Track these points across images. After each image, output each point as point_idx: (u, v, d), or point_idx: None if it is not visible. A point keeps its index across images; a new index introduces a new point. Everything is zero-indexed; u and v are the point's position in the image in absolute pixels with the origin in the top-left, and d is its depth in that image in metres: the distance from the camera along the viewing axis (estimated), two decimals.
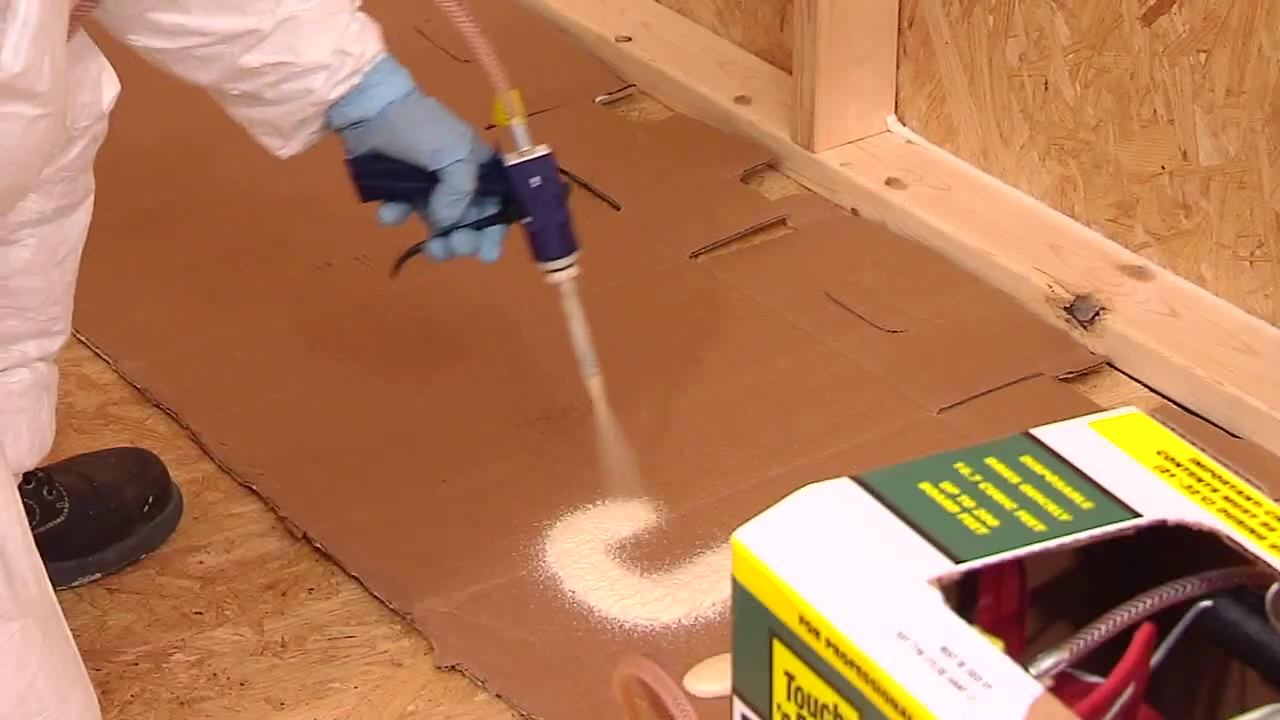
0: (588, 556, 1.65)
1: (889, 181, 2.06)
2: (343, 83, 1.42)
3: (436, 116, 1.44)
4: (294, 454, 1.75)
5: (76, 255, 1.51)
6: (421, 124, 1.42)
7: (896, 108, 2.13)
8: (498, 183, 1.43)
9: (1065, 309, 1.90)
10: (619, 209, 2.08)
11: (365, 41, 1.44)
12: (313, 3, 1.41)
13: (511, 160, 1.43)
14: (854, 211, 2.08)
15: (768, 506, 0.92)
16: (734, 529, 0.92)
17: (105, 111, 1.46)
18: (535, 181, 1.43)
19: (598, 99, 2.26)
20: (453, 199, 1.43)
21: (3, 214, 1.18)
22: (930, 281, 1.96)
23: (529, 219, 1.44)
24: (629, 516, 1.69)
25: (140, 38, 1.42)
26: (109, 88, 1.45)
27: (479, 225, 1.44)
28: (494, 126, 1.47)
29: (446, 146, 1.42)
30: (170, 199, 2.08)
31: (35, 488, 1.60)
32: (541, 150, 1.44)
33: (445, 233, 1.45)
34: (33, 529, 1.58)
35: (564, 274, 1.47)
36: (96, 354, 1.87)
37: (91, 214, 1.51)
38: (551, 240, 1.45)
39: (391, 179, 1.43)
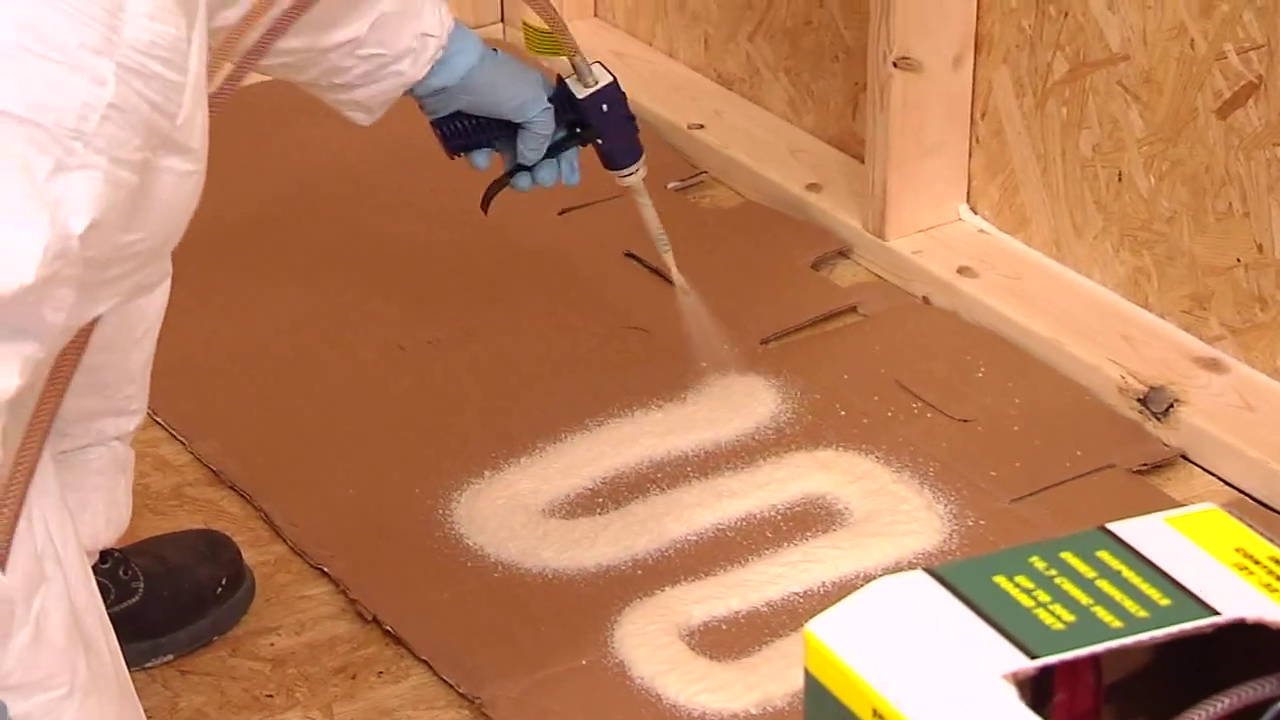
0: (656, 640, 1.65)
1: (961, 270, 2.06)
2: (428, 62, 1.51)
3: (512, 71, 1.55)
4: (365, 536, 1.76)
5: (154, 334, 1.53)
6: (502, 83, 1.53)
7: (969, 196, 2.13)
8: (569, 113, 1.57)
9: (1139, 400, 1.89)
10: (690, 294, 2.08)
11: (441, 17, 1.51)
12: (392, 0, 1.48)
13: (583, 94, 1.57)
14: (925, 299, 2.08)
15: (841, 598, 0.92)
16: (806, 618, 0.91)
17: None
18: (605, 108, 1.57)
19: (670, 185, 2.28)
20: (539, 143, 1.56)
21: (143, 272, 1.20)
22: (1002, 371, 1.96)
23: (601, 140, 1.59)
24: (701, 600, 1.68)
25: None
26: None
27: (554, 153, 1.58)
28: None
29: (529, 99, 1.54)
30: (243, 278, 2.10)
31: (111, 567, 1.62)
32: (607, 79, 1.57)
33: (527, 167, 1.57)
34: (108, 608, 1.59)
35: (635, 176, 1.63)
36: (172, 435, 1.89)
37: (169, 294, 1.53)
38: (625, 153, 1.61)
39: (476, 133, 1.56)
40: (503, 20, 2.55)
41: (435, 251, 2.15)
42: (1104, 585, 0.92)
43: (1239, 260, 1.88)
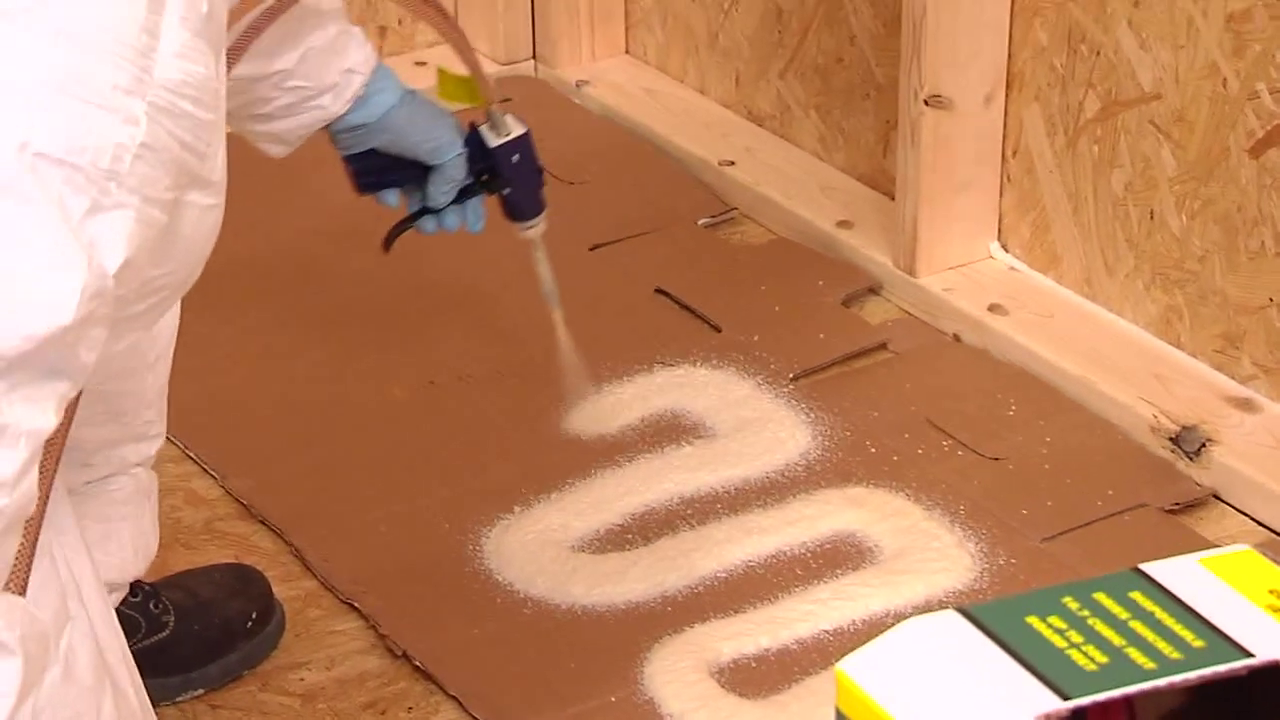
0: (686, 677, 1.65)
1: (992, 308, 2.06)
2: (351, 98, 1.52)
3: (430, 114, 1.56)
4: (396, 571, 1.76)
5: (167, 359, 1.54)
6: (419, 124, 1.55)
7: (1000, 234, 2.13)
8: (479, 161, 1.58)
9: (1171, 440, 1.88)
10: (720, 331, 2.09)
11: (366, 55, 1.52)
12: (330, 32, 1.49)
13: (496, 142, 1.58)
14: (956, 337, 2.08)
15: (872, 635, 0.92)
16: (836, 656, 0.91)
17: None
18: (515, 158, 1.59)
19: (700, 222, 2.28)
20: (449, 186, 1.57)
21: (170, 305, 1.21)
22: (1033, 409, 1.96)
23: (508, 190, 1.60)
24: (731, 637, 1.68)
25: None
26: None
27: (460, 199, 1.59)
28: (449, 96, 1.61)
29: (445, 142, 1.56)
30: (276, 317, 2.11)
31: (141, 601, 1.62)
32: (520, 130, 1.59)
33: (434, 210, 1.58)
34: (138, 642, 1.60)
35: (536, 230, 1.65)
36: (204, 469, 1.89)
37: (179, 317, 1.53)
38: (529, 206, 1.62)
39: (388, 172, 1.57)
40: (534, 58, 2.57)
41: (465, 289, 2.16)
42: (1137, 626, 0.91)
43: (1271, 300, 1.88)
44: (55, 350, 1.04)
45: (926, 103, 2.04)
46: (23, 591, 1.07)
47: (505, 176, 1.59)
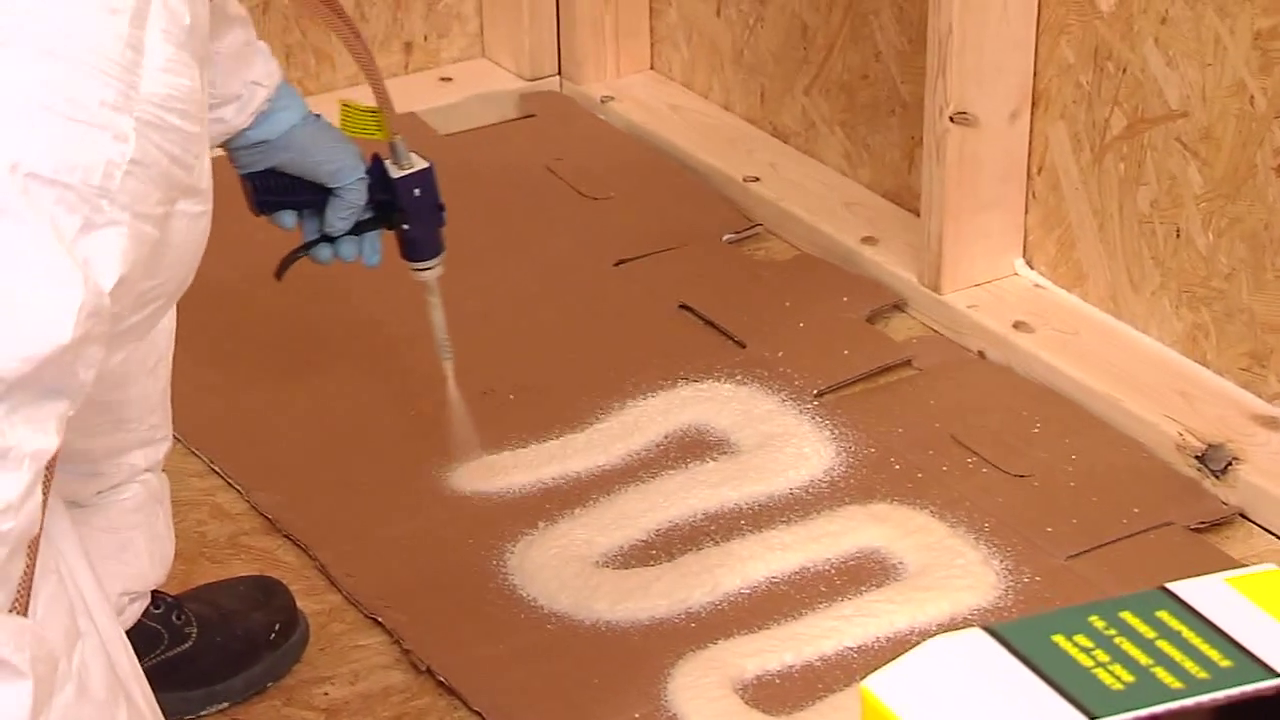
0: (710, 693, 1.64)
1: (1016, 325, 2.06)
2: (254, 112, 1.49)
3: (333, 137, 1.54)
4: (420, 586, 1.76)
5: (167, 362, 1.53)
6: (321, 145, 1.52)
7: (1025, 251, 2.13)
8: (380, 192, 1.55)
9: (1196, 458, 1.87)
10: (744, 347, 2.09)
11: (270, 70, 1.50)
12: (231, 41, 1.46)
13: (397, 174, 1.55)
14: (980, 354, 2.07)
15: (895, 653, 0.91)
16: (860, 673, 0.91)
17: None
18: (417, 192, 1.55)
19: (725, 237, 2.28)
20: (348, 213, 1.54)
21: (164, 314, 1.21)
22: (1057, 426, 1.95)
23: (408, 226, 1.57)
24: (754, 654, 1.68)
25: None
26: None
27: (358, 231, 1.56)
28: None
29: (346, 166, 1.53)
30: (302, 331, 2.11)
31: (164, 613, 1.62)
32: (422, 164, 1.56)
33: (329, 238, 1.55)
34: (160, 654, 1.61)
35: (432, 273, 1.61)
36: (229, 484, 1.90)
37: (175, 321, 1.52)
38: (427, 245, 1.59)
39: (287, 193, 1.54)
40: (560, 73, 2.57)
41: (489, 303, 2.16)
42: (1164, 646, 0.91)
43: None
44: (54, 370, 1.04)
45: (952, 119, 2.04)
46: (25, 613, 1.07)
47: (406, 209, 1.55)
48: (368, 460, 1.93)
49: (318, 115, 1.54)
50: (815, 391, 2.01)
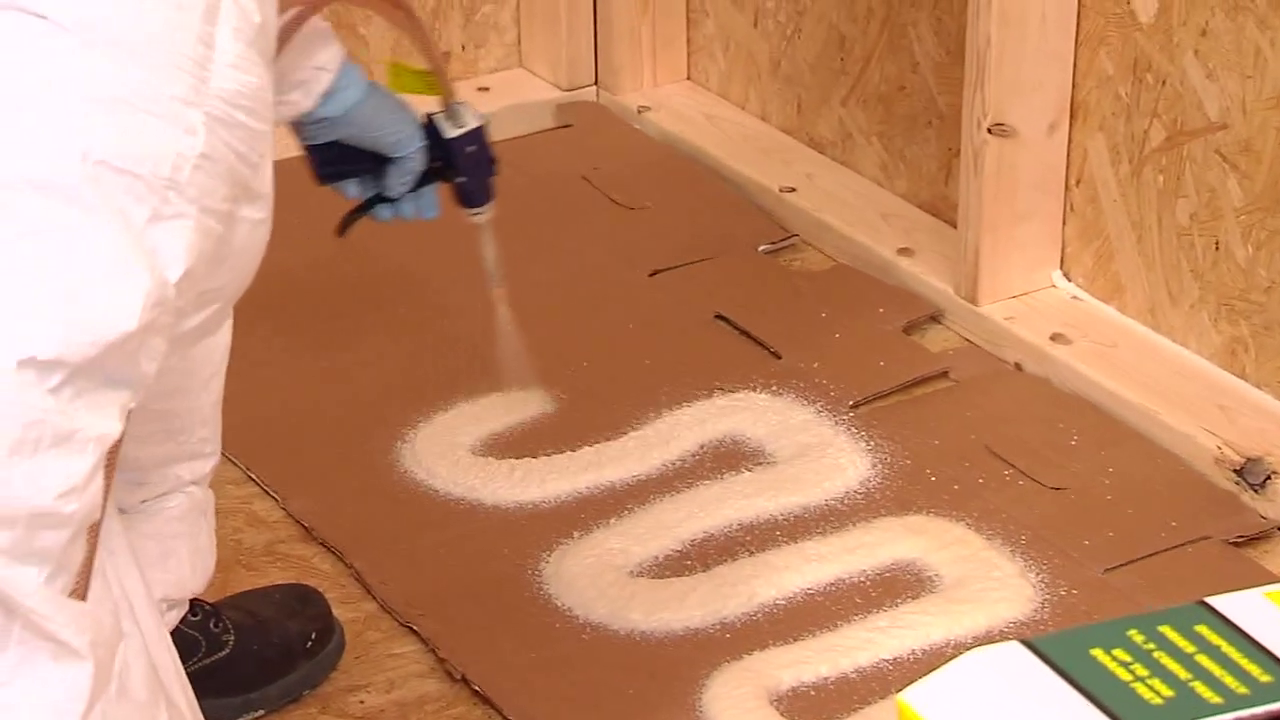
0: (745, 704, 1.64)
1: (1054, 337, 2.05)
2: (320, 94, 1.52)
3: (392, 107, 1.57)
4: (455, 595, 1.77)
5: (220, 377, 1.55)
6: (383, 118, 1.56)
7: (1062, 263, 2.13)
8: (435, 151, 1.61)
9: (1235, 471, 1.87)
10: (780, 358, 2.08)
11: (334, 52, 1.52)
12: (302, 30, 1.47)
13: (453, 134, 1.60)
14: (1017, 366, 2.07)
15: (931, 665, 0.91)
16: (895, 685, 0.91)
17: None
18: (471, 149, 1.62)
19: (760, 248, 2.28)
20: (408, 177, 1.58)
21: (221, 321, 1.22)
22: (1094, 439, 1.94)
23: (462, 179, 1.63)
24: (790, 665, 1.68)
25: None
26: None
27: (414, 188, 1.61)
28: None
29: (406, 136, 1.57)
30: (338, 336, 2.12)
31: (202, 620, 1.63)
32: (475, 122, 1.61)
33: (389, 199, 1.60)
34: (198, 661, 1.61)
35: (484, 216, 1.67)
36: (266, 491, 1.90)
37: (231, 336, 1.54)
38: (480, 193, 1.65)
39: (348, 163, 1.59)
40: (596, 83, 2.57)
41: (524, 312, 2.16)
42: (1203, 660, 0.91)
43: None
44: (118, 357, 1.04)
45: (990, 131, 2.03)
46: (84, 598, 1.08)
47: (460, 166, 1.62)
48: (404, 467, 1.93)
49: (376, 85, 1.57)
50: (851, 402, 2.01)
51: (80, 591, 1.08)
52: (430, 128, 1.60)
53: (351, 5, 1.61)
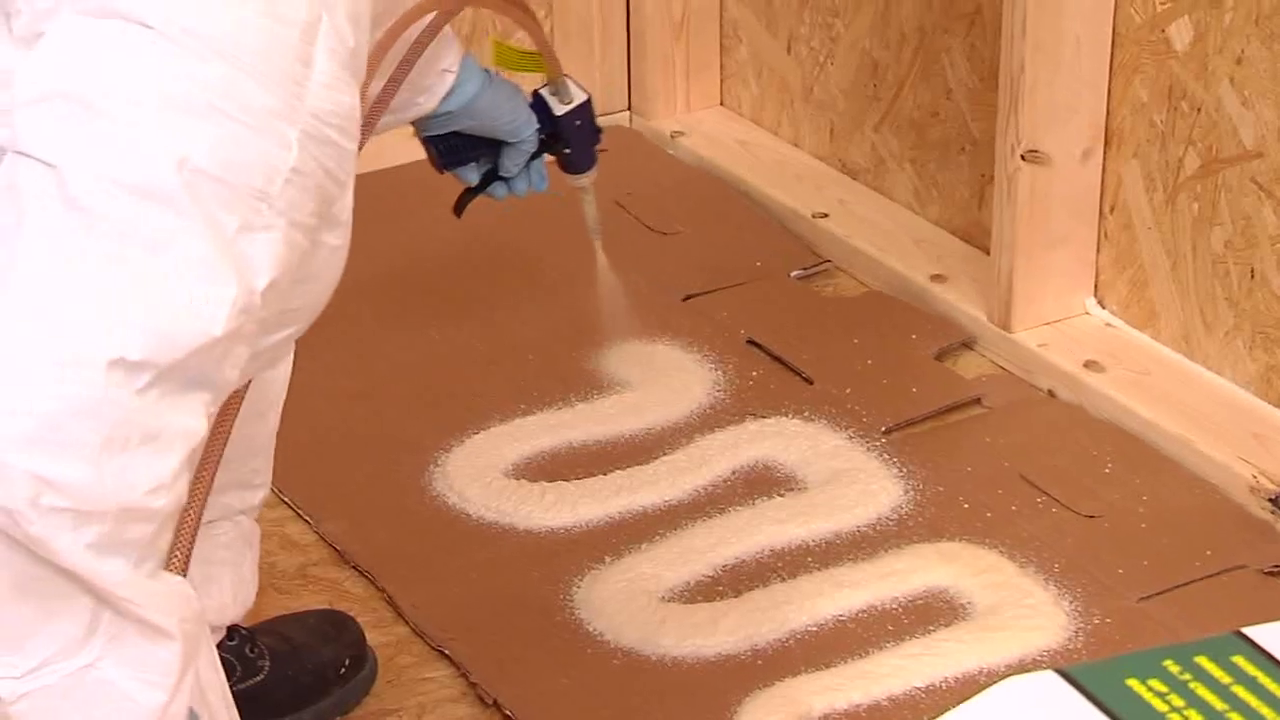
0: None
1: (1087, 364, 2.05)
2: (444, 94, 1.57)
3: (507, 96, 1.63)
4: (487, 619, 1.77)
5: (278, 409, 1.56)
6: (501, 108, 1.62)
7: (1096, 290, 2.12)
8: (544, 126, 1.68)
9: (1270, 500, 1.86)
10: (812, 383, 2.08)
11: (455, 54, 1.57)
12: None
13: (561, 110, 1.68)
14: (1051, 393, 2.06)
15: (964, 692, 0.91)
16: (928, 712, 0.90)
17: None
18: (578, 123, 1.70)
19: (793, 274, 2.28)
20: (523, 158, 1.66)
21: (290, 346, 1.24)
22: (1128, 467, 1.94)
23: (569, 150, 1.71)
24: (821, 691, 1.67)
25: None
26: None
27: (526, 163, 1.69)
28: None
29: (522, 121, 1.64)
30: (369, 359, 2.12)
31: (238, 645, 1.63)
32: (582, 96, 1.69)
33: (504, 178, 1.67)
34: (233, 686, 1.61)
35: (588, 179, 1.76)
36: (298, 514, 1.91)
37: (291, 370, 1.55)
38: (586, 161, 1.74)
39: (467, 149, 1.66)
40: (629, 108, 2.58)
41: (557, 338, 2.17)
42: (1240, 691, 0.90)
43: None
44: (202, 361, 1.06)
45: (1024, 157, 2.03)
46: (184, 574, 1.10)
47: (567, 139, 1.69)
48: (436, 491, 1.93)
49: (490, 74, 1.63)
50: (883, 429, 2.00)
51: (180, 567, 1.10)
52: (539, 105, 1.67)
53: (479, 6, 1.66)
